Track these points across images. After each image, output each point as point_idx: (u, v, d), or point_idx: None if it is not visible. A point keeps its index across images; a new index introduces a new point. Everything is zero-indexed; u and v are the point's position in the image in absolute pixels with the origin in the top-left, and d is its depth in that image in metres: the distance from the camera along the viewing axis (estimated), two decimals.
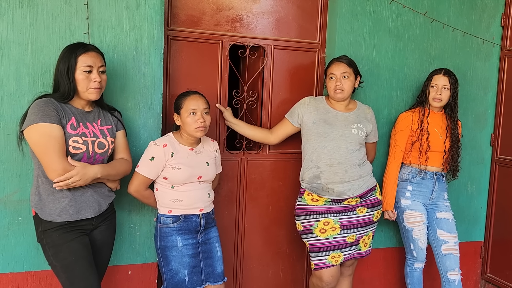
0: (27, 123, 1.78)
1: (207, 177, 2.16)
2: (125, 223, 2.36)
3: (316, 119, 2.38)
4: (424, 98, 2.64)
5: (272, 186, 2.80)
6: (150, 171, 2.06)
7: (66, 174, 1.77)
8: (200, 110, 2.07)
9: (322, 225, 2.37)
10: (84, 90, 1.87)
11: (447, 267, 2.57)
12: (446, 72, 2.59)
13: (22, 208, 2.17)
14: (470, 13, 2.98)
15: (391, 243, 2.99)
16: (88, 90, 1.87)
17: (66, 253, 1.85)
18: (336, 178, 2.32)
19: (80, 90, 1.87)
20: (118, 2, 2.22)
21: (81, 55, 1.85)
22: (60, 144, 1.79)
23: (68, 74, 1.83)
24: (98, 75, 1.88)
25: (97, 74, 1.88)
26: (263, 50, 2.68)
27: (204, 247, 2.17)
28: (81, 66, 1.84)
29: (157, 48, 2.30)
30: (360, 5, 2.69)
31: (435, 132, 2.60)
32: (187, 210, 2.11)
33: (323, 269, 2.37)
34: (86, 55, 1.86)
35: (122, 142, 2.09)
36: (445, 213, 2.64)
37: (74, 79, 1.85)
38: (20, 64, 2.10)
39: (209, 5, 2.55)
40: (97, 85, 1.87)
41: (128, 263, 2.39)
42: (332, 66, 2.40)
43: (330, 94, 2.41)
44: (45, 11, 2.11)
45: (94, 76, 1.87)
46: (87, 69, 1.85)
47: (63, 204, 1.85)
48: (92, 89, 1.87)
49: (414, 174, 2.63)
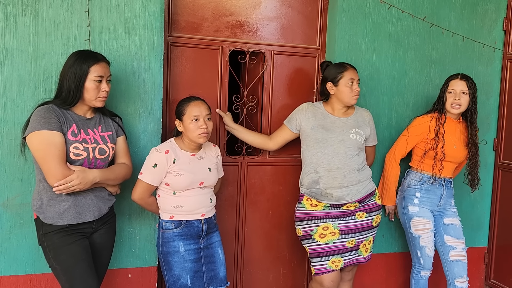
0: (29, 130, 1.82)
1: (209, 183, 2.17)
2: (125, 227, 2.39)
3: (314, 125, 2.39)
4: (441, 106, 2.55)
5: (272, 191, 2.81)
6: (153, 178, 2.07)
7: (66, 178, 1.81)
8: (202, 116, 2.08)
9: (322, 230, 2.38)
10: (93, 99, 1.92)
11: (455, 274, 2.53)
12: (463, 77, 2.51)
13: (24, 212, 2.21)
14: (471, 17, 2.97)
15: (393, 248, 2.98)
16: (97, 99, 1.92)
17: (66, 256, 1.88)
18: (334, 183, 2.33)
19: (89, 98, 1.91)
20: (119, 9, 2.26)
21: (94, 65, 1.89)
22: (61, 151, 1.83)
23: (78, 82, 1.87)
24: (107, 85, 1.94)
25: (106, 84, 1.93)
26: (263, 56, 2.70)
27: (206, 251, 2.18)
28: (93, 76, 1.88)
29: (157, 54, 2.33)
30: (360, 10, 2.71)
31: (451, 141, 2.53)
32: (188, 216, 2.12)
33: (324, 274, 2.37)
34: (98, 65, 1.90)
35: (122, 148, 2.12)
36: (452, 219, 2.60)
37: (83, 87, 1.89)
38: (22, 70, 2.15)
39: (209, 11, 2.58)
40: (105, 95, 1.94)
41: (128, 267, 2.42)
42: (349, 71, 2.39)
43: (348, 100, 2.37)
44: (47, 19, 2.16)
45: (103, 86, 1.92)
46: (98, 79, 1.90)
47: (64, 208, 1.88)
48: (100, 98, 1.93)
49: (423, 181, 2.58)
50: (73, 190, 1.84)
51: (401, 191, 2.69)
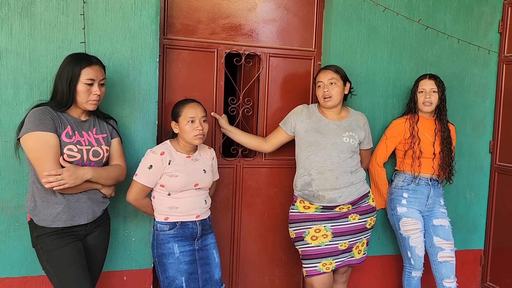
0: (24, 131, 1.82)
1: (204, 184, 2.18)
2: (120, 229, 2.39)
3: (308, 128, 2.40)
4: (413, 105, 2.67)
5: (268, 193, 2.81)
6: (148, 180, 2.08)
7: (57, 170, 1.80)
8: (198, 118, 2.09)
9: (314, 232, 2.38)
10: (83, 102, 1.91)
11: (443, 275, 2.56)
12: (431, 76, 2.64)
13: (19, 214, 2.21)
14: (466, 20, 2.98)
15: (388, 250, 2.98)
16: (88, 102, 1.92)
17: (59, 258, 1.88)
18: (327, 185, 2.33)
19: (80, 101, 1.91)
20: (114, 12, 2.26)
21: (85, 68, 1.89)
22: (55, 152, 1.83)
23: (70, 84, 1.88)
24: (98, 88, 1.93)
25: (97, 87, 1.93)
26: (259, 58, 2.71)
27: (201, 253, 2.18)
28: (84, 78, 1.88)
29: (152, 57, 2.34)
30: (355, 13, 2.72)
31: (427, 137, 2.61)
32: (183, 217, 2.12)
33: (314, 276, 2.37)
34: (90, 68, 1.90)
35: (117, 150, 2.13)
36: (441, 219, 2.63)
37: (75, 89, 1.89)
38: (18, 73, 2.16)
39: (204, 14, 2.59)
40: (97, 98, 1.93)
41: (123, 269, 2.42)
42: (319, 74, 2.45)
43: (320, 102, 2.44)
44: (42, 22, 2.17)
45: (95, 90, 1.92)
46: (89, 82, 1.90)
47: (57, 210, 1.88)
48: (91, 101, 1.92)
49: (408, 181, 2.63)
50: (63, 184, 1.81)
51: (389, 193, 2.73)
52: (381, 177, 2.71)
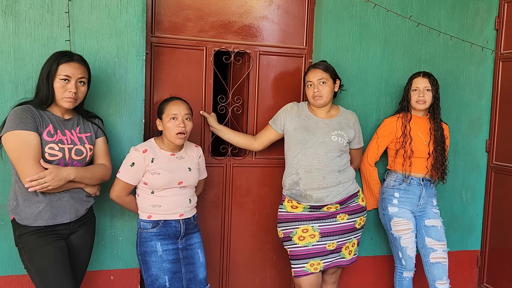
0: (5, 130, 1.82)
1: (189, 182, 2.16)
2: (107, 228, 2.38)
3: (297, 126, 2.37)
4: (406, 104, 2.62)
5: (258, 193, 2.78)
6: (130, 177, 2.08)
7: (39, 174, 1.79)
8: (181, 116, 2.08)
9: (301, 232, 2.35)
10: (59, 98, 1.90)
11: (435, 276, 2.51)
12: (425, 74, 2.58)
13: (4, 213, 2.20)
14: (462, 16, 2.93)
15: (381, 251, 2.94)
16: (62, 99, 1.89)
17: (40, 257, 1.87)
18: (314, 184, 2.30)
19: (56, 97, 1.90)
20: (99, 10, 2.25)
21: (62, 64, 1.88)
22: (36, 151, 1.82)
23: (48, 80, 1.87)
24: (74, 86, 1.90)
25: (74, 85, 1.90)
26: (249, 56, 2.68)
27: (186, 252, 2.17)
28: (59, 74, 1.87)
29: (138, 55, 2.32)
30: (346, 10, 2.68)
31: (420, 137, 2.56)
32: (166, 216, 2.11)
33: (302, 277, 2.34)
34: (67, 64, 1.89)
35: (102, 149, 2.11)
36: (433, 220, 2.59)
37: (52, 86, 1.88)
38: (2, 71, 2.15)
39: (193, 11, 2.56)
40: (71, 95, 1.89)
41: (110, 268, 2.41)
42: (308, 73, 2.40)
43: (310, 100, 2.40)
44: (27, 20, 2.16)
45: (70, 87, 1.89)
46: (65, 78, 1.88)
47: (39, 209, 1.87)
48: (66, 98, 1.89)
49: (400, 180, 2.59)
50: (46, 187, 1.81)
51: (381, 193, 2.69)
52: (373, 176, 2.67)
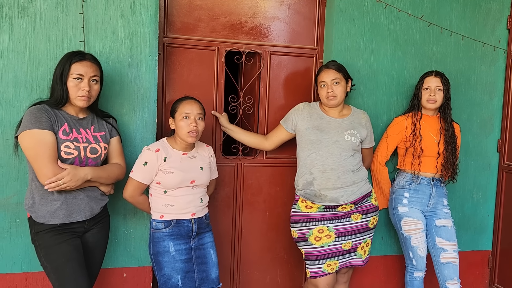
0: (21, 129, 1.85)
1: (201, 182, 2.18)
2: (120, 226, 2.40)
3: (310, 126, 2.37)
4: (416, 102, 2.62)
5: (269, 192, 2.80)
6: (143, 176, 2.09)
7: (57, 176, 1.83)
8: (193, 115, 2.09)
9: (317, 233, 2.35)
10: (73, 97, 1.93)
11: (446, 276, 2.51)
12: (437, 73, 2.58)
13: (20, 211, 2.24)
14: (473, 16, 2.92)
15: (392, 250, 2.94)
16: (76, 97, 1.92)
17: (56, 255, 1.90)
18: (328, 184, 2.30)
19: (70, 96, 1.93)
20: (113, 11, 2.28)
21: (75, 63, 1.91)
22: (51, 149, 1.85)
23: (62, 79, 1.91)
24: (88, 84, 1.93)
25: (87, 83, 1.93)
26: (260, 56, 2.69)
27: (198, 252, 2.18)
28: (72, 73, 1.90)
29: (151, 55, 2.34)
30: (357, 9, 2.68)
31: (430, 136, 2.56)
32: (178, 215, 2.12)
33: (319, 277, 2.35)
34: (79, 63, 1.92)
35: (116, 148, 2.14)
36: (444, 220, 2.58)
37: (66, 85, 1.91)
38: (18, 71, 2.18)
39: (205, 12, 2.58)
40: (85, 94, 1.92)
41: (123, 266, 2.43)
42: (321, 73, 2.40)
43: (323, 101, 2.41)
44: (42, 21, 2.19)
45: (83, 85, 1.92)
46: (78, 77, 1.91)
47: (55, 207, 1.90)
48: (79, 97, 1.92)
49: (410, 180, 2.59)
50: (64, 187, 1.85)
51: (391, 192, 2.69)
52: (383, 175, 2.67)
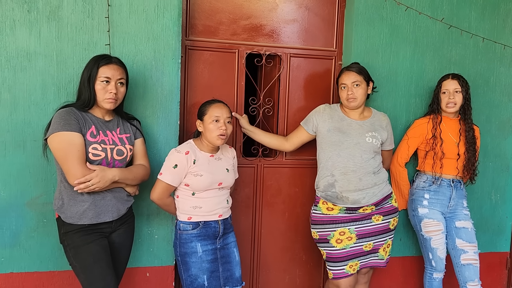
0: (50, 131, 1.89)
1: (227, 183, 2.21)
2: (144, 226, 2.44)
3: (331, 127, 2.39)
4: (436, 106, 2.63)
5: (288, 193, 2.82)
6: (173, 179, 2.10)
7: (86, 177, 1.87)
8: (223, 118, 2.12)
9: (338, 235, 2.37)
10: (101, 100, 1.97)
11: (466, 278, 2.51)
12: (454, 76, 2.59)
13: (47, 211, 2.29)
14: (492, 18, 2.92)
15: (410, 251, 2.95)
16: (104, 100, 1.97)
17: (85, 255, 1.94)
18: (350, 186, 2.32)
19: (98, 99, 1.97)
20: (138, 14, 2.31)
21: (102, 67, 1.95)
22: (80, 151, 1.89)
23: (89, 83, 1.95)
24: (115, 87, 1.97)
25: (114, 86, 1.97)
26: (279, 58, 2.72)
27: (223, 252, 2.21)
28: (100, 76, 1.95)
29: (174, 58, 2.38)
30: (377, 12, 2.69)
31: (450, 138, 2.57)
32: (206, 217, 2.15)
33: (342, 279, 2.37)
34: (107, 67, 1.96)
35: (140, 150, 2.18)
36: (464, 221, 2.58)
37: (94, 88, 1.95)
38: (46, 74, 2.23)
39: (226, 15, 2.61)
40: (112, 96, 1.97)
41: (146, 265, 2.47)
42: (342, 75, 2.42)
43: (343, 103, 2.42)
44: (69, 25, 2.24)
45: (110, 88, 1.96)
46: (105, 80, 1.95)
47: (84, 208, 1.95)
48: (107, 99, 1.97)
49: (430, 182, 2.60)
50: (93, 188, 1.90)
51: (411, 194, 2.70)
52: (403, 177, 2.68)
